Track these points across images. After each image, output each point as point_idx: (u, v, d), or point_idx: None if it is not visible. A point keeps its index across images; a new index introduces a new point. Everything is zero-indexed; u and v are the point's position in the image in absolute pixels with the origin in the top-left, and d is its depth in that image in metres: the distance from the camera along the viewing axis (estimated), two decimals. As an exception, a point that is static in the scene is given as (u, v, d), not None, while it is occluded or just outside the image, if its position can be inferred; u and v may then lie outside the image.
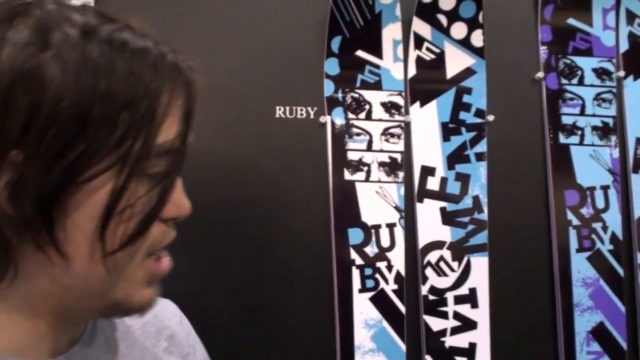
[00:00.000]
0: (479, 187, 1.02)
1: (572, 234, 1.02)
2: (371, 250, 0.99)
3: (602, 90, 1.05)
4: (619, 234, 1.03)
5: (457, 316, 1.00)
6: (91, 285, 0.40)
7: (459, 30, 1.03)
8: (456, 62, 1.03)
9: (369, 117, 1.01)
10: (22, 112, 0.34)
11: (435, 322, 0.99)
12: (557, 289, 1.01)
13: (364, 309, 0.98)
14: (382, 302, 0.98)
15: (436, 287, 1.00)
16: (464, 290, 1.00)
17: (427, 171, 1.02)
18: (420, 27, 1.03)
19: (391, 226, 1.00)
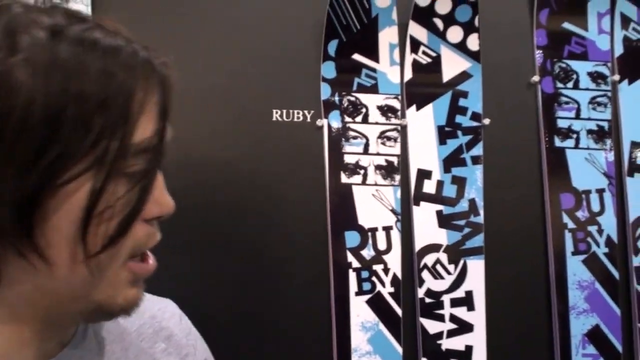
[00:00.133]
0: (475, 190, 1.02)
1: (568, 237, 1.03)
2: (368, 253, 0.99)
3: (597, 94, 1.06)
4: (614, 237, 1.03)
5: (454, 319, 1.00)
6: (74, 288, 0.39)
7: (455, 34, 1.04)
8: (452, 65, 1.04)
9: (365, 120, 1.02)
10: None
11: (431, 325, 0.99)
12: (553, 292, 1.02)
13: (360, 312, 0.98)
14: (378, 304, 0.98)
15: (432, 290, 1.00)
16: (460, 293, 1.00)
17: (424, 174, 1.02)
18: (416, 31, 1.03)
19: (388, 229, 1.00)
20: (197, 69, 0.99)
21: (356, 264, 0.99)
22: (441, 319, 1.00)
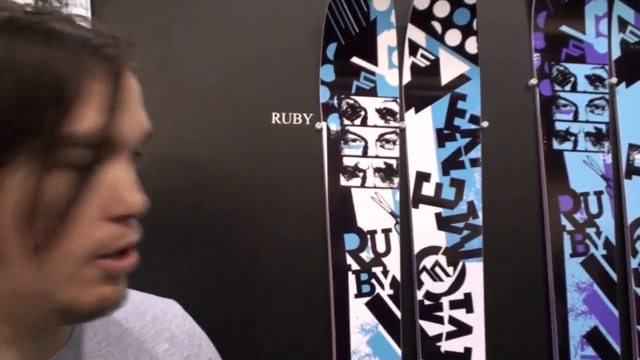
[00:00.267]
0: (474, 192, 1.03)
1: (566, 239, 1.03)
2: (367, 255, 1.00)
3: (595, 96, 1.06)
4: (612, 239, 1.04)
5: (453, 321, 1.00)
6: (33, 287, 0.38)
7: (454, 37, 1.04)
8: (451, 68, 1.04)
9: (364, 123, 1.02)
10: None
11: (430, 327, 1.00)
12: (552, 294, 1.02)
13: (360, 314, 0.98)
14: (378, 307, 0.99)
15: (432, 292, 1.00)
16: (459, 295, 1.01)
17: (422, 177, 1.03)
18: (415, 34, 1.04)
19: (387, 231, 1.00)
20: (196, 71, 1.00)
21: (355, 267, 0.99)
22: (440, 321, 1.00)
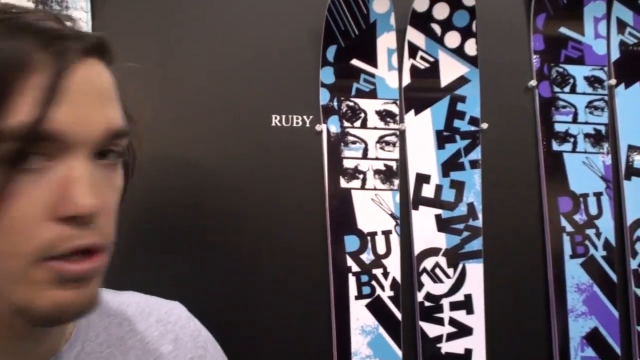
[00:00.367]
0: (474, 194, 1.03)
1: (566, 240, 1.03)
2: (367, 257, 1.00)
3: (594, 98, 1.07)
4: (612, 240, 1.04)
5: (453, 322, 1.00)
6: None
7: (453, 39, 1.05)
8: (450, 70, 1.05)
9: (364, 125, 1.02)
10: None
11: (431, 329, 1.00)
12: (552, 295, 1.02)
13: (360, 316, 0.98)
14: (378, 308, 0.99)
15: (432, 294, 1.01)
16: (459, 296, 1.01)
17: (422, 179, 1.03)
18: (414, 36, 1.04)
19: (387, 233, 1.01)
20: (196, 73, 1.00)
21: (356, 268, 0.99)
22: (440, 322, 1.00)
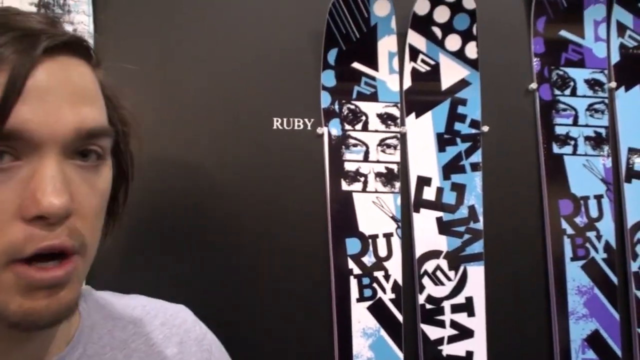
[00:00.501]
0: (475, 196, 1.03)
1: (567, 242, 1.04)
2: (369, 259, 1.00)
3: (594, 101, 1.07)
4: (613, 242, 1.04)
5: (454, 325, 1.00)
6: None
7: (454, 42, 1.05)
8: (451, 73, 1.05)
9: (365, 128, 1.03)
10: None
11: (432, 331, 1.00)
12: (552, 297, 1.03)
13: (361, 318, 0.99)
14: (379, 311, 0.99)
15: (433, 296, 1.01)
16: (460, 299, 1.01)
17: (423, 181, 1.03)
18: (415, 39, 1.04)
19: (388, 236, 1.01)
20: (197, 76, 1.00)
21: (357, 271, 0.99)
22: (442, 324, 1.00)
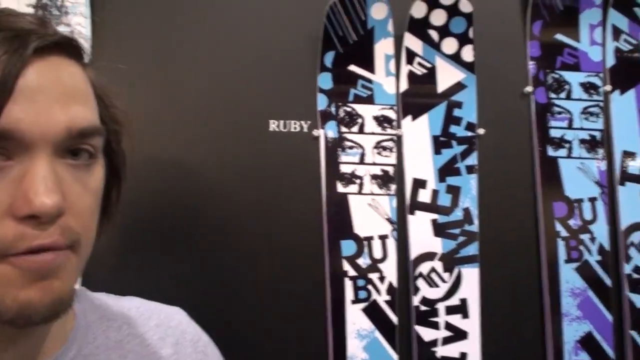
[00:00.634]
0: (470, 199, 1.04)
1: (561, 245, 1.04)
2: (364, 261, 1.01)
3: (589, 104, 1.08)
4: (606, 245, 1.05)
5: (449, 326, 1.01)
6: None
7: (450, 45, 1.05)
8: (447, 76, 1.05)
9: (361, 130, 1.03)
10: None
11: (426, 333, 1.01)
12: (546, 299, 1.03)
13: (356, 320, 0.99)
14: (374, 312, 1.00)
15: (428, 298, 1.01)
16: (455, 300, 1.02)
17: (419, 184, 1.04)
18: (411, 42, 1.05)
19: (383, 238, 1.01)
20: (194, 78, 1.01)
21: (352, 273, 1.00)
22: (436, 326, 1.01)
